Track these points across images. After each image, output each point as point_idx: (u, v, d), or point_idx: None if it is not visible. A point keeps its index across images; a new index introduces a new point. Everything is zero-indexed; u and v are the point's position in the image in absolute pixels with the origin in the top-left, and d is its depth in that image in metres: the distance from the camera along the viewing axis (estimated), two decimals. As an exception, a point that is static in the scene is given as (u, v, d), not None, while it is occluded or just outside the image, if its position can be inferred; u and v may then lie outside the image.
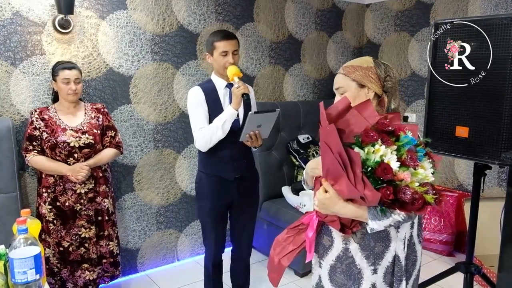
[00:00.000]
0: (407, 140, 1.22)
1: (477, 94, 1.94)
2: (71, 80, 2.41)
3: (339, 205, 1.31)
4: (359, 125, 1.26)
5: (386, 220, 1.28)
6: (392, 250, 1.42)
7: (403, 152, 1.21)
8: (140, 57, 3.00)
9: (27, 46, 2.59)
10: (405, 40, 4.00)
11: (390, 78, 1.45)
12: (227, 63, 2.27)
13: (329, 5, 4.05)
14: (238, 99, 2.18)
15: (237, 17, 3.44)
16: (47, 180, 2.45)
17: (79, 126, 2.49)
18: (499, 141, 1.87)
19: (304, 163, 3.57)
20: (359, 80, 1.45)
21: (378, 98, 1.46)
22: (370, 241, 1.40)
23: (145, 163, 3.13)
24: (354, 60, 1.52)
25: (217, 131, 2.23)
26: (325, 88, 4.17)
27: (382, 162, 1.19)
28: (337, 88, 1.51)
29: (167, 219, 3.31)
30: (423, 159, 1.24)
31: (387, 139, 1.21)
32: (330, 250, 1.49)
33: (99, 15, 2.80)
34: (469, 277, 2.20)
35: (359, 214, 1.30)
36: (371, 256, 1.41)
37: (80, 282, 2.55)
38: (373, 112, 1.30)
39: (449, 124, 2.05)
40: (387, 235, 1.41)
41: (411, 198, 1.17)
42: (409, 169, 1.20)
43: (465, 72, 1.96)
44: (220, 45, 2.26)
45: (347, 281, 1.45)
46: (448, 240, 3.55)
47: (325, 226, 1.49)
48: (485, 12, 3.39)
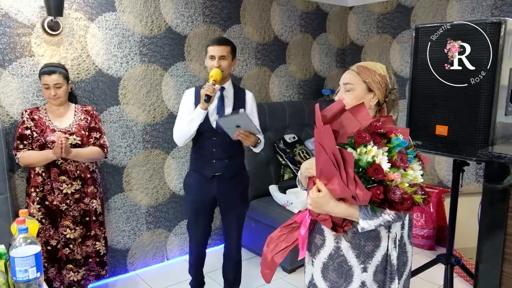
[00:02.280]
0: (398, 142, 1.27)
1: (455, 95, 2.04)
2: (51, 86, 2.41)
3: (332, 204, 1.36)
4: (353, 127, 1.31)
5: (376, 219, 1.32)
6: (382, 249, 1.47)
7: (394, 154, 1.26)
8: (129, 58, 3.04)
9: (16, 47, 2.60)
10: (387, 42, 4.13)
11: (395, 91, 1.51)
12: (212, 67, 2.37)
13: (313, 8, 4.14)
14: (202, 99, 2.27)
15: (224, 19, 3.50)
16: (36, 179, 2.47)
17: (67, 128, 2.51)
18: (476, 139, 1.97)
19: (290, 162, 3.65)
20: (370, 84, 1.48)
21: (379, 107, 1.51)
22: (361, 240, 1.46)
23: (134, 164, 3.17)
24: (370, 63, 1.54)
25: (184, 127, 2.36)
26: (310, 88, 4.26)
27: (374, 163, 1.24)
28: (346, 84, 1.52)
29: (157, 219, 3.35)
30: (413, 161, 1.30)
31: (379, 141, 1.26)
32: (322, 249, 1.54)
33: (88, 17, 2.83)
34: (450, 268, 2.32)
35: (350, 214, 1.35)
36: (361, 254, 1.47)
37: (66, 282, 2.57)
38: (366, 115, 1.35)
39: (429, 123, 2.15)
40: (378, 234, 1.46)
41: (400, 198, 1.22)
42: (399, 170, 1.25)
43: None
44: (209, 50, 2.39)
45: (338, 278, 1.50)
46: (429, 234, 3.68)
47: (318, 225, 1.55)
48: (462, 16, 3.53)
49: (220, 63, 2.35)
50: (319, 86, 4.34)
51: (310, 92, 4.27)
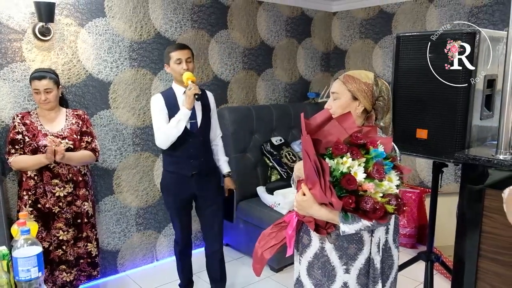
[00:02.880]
0: (376, 154, 1.34)
1: (434, 100, 2.16)
2: (41, 91, 2.46)
3: (314, 208, 1.43)
4: (339, 135, 1.38)
5: (356, 224, 1.38)
6: (365, 253, 1.54)
7: (370, 165, 1.32)
8: (119, 63, 3.09)
9: (7, 53, 2.63)
10: (369, 47, 4.26)
11: (383, 98, 1.57)
12: (181, 70, 2.50)
13: (298, 13, 4.25)
14: (191, 99, 2.44)
15: (212, 25, 3.58)
16: (28, 183, 2.51)
17: (59, 132, 2.55)
18: (453, 142, 2.09)
19: (277, 164, 3.74)
20: (354, 93, 1.56)
21: (367, 114, 1.59)
22: (344, 242, 1.54)
23: (124, 167, 3.22)
24: (357, 72, 1.62)
25: (173, 129, 2.47)
26: (295, 92, 4.36)
27: (347, 174, 1.30)
28: (333, 93, 1.62)
29: (146, 221, 3.40)
30: (391, 171, 1.36)
31: (356, 152, 1.32)
32: (308, 248, 1.63)
33: (78, 23, 2.87)
34: (430, 265, 2.44)
35: (331, 218, 1.41)
36: (344, 256, 1.54)
37: (58, 282, 2.62)
38: (352, 123, 1.41)
39: (410, 127, 2.26)
40: (360, 238, 1.53)
41: (372, 208, 1.28)
42: (374, 181, 1.31)
43: (421, 80, 2.19)
44: (174, 55, 2.51)
45: (322, 277, 1.59)
46: (411, 233, 3.81)
47: (305, 226, 1.63)
48: (441, 22, 3.68)
49: (188, 65, 2.51)
50: (304, 89, 4.45)
51: (296, 95, 4.37)
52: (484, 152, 1.90)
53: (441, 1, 3.66)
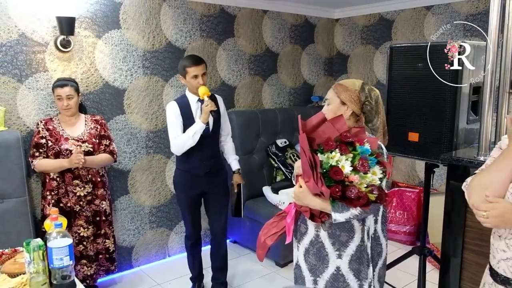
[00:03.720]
0: (361, 150, 1.55)
1: (425, 106, 2.35)
2: (63, 97, 2.68)
3: (309, 198, 1.64)
4: (332, 134, 1.60)
5: (346, 212, 1.58)
6: (356, 240, 1.73)
7: (356, 160, 1.53)
8: (133, 71, 3.31)
9: (32, 64, 2.86)
10: (370, 52, 4.44)
11: (369, 103, 1.79)
12: (198, 84, 2.69)
13: (302, 21, 4.44)
14: (207, 115, 2.64)
15: (219, 33, 3.79)
16: (51, 184, 2.73)
17: (79, 136, 2.77)
18: (442, 144, 2.28)
19: (282, 165, 3.94)
20: (342, 98, 1.80)
21: (357, 116, 1.81)
22: (336, 231, 1.73)
23: (138, 168, 3.44)
24: (346, 81, 1.87)
25: (189, 140, 2.69)
26: (299, 96, 4.56)
27: (335, 166, 1.51)
28: (326, 99, 1.88)
29: (159, 219, 3.62)
30: (375, 166, 1.57)
31: (344, 148, 1.54)
32: (305, 236, 1.83)
33: (95, 35, 3.10)
34: (423, 258, 2.62)
35: (324, 207, 1.62)
36: (336, 243, 1.74)
37: (80, 276, 2.84)
38: (343, 124, 1.62)
39: (403, 130, 2.45)
40: (352, 227, 1.73)
41: (356, 196, 1.49)
42: (359, 173, 1.52)
43: (411, 86, 2.37)
44: (190, 70, 2.69)
45: (317, 262, 1.79)
46: (411, 231, 3.99)
47: (303, 216, 1.83)
48: (437, 29, 3.84)
49: (203, 79, 2.71)
50: (308, 93, 4.64)
51: (300, 99, 4.57)
52: (468, 153, 2.09)
53: (438, 9, 3.84)
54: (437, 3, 3.83)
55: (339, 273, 1.75)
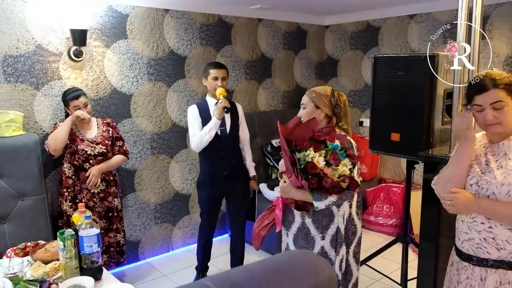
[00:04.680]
0: (331, 147, 1.86)
1: (405, 109, 2.63)
2: (81, 107, 2.93)
3: (293, 191, 1.95)
4: (307, 135, 1.90)
5: (325, 200, 1.89)
6: (335, 223, 2.07)
7: (328, 155, 1.83)
8: (139, 78, 3.57)
9: (47, 73, 3.10)
10: (358, 57, 4.74)
11: (339, 106, 2.11)
12: (216, 86, 2.97)
13: (294, 28, 4.73)
14: (220, 111, 2.92)
15: (218, 41, 4.06)
16: (67, 181, 2.98)
17: (94, 138, 3.03)
18: (420, 143, 2.56)
19: (277, 164, 4.22)
20: (316, 103, 2.11)
21: (329, 118, 2.11)
22: (319, 217, 2.06)
23: (144, 168, 3.70)
24: (318, 87, 2.20)
25: (205, 136, 2.97)
26: (292, 98, 4.84)
27: (310, 162, 1.79)
28: (302, 104, 2.19)
29: (163, 215, 3.88)
30: (345, 159, 1.87)
31: (317, 146, 1.83)
32: (293, 224, 2.15)
33: (105, 45, 3.35)
34: (405, 246, 2.91)
35: (307, 197, 1.93)
36: (319, 227, 2.07)
37: None
38: (316, 125, 1.94)
39: (386, 131, 2.73)
40: (331, 212, 2.06)
41: (330, 185, 1.80)
42: (332, 166, 1.82)
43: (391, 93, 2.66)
44: (212, 72, 3.00)
45: (305, 244, 2.10)
46: (397, 223, 4.29)
47: (289, 207, 2.13)
48: (420, 36, 4.16)
49: (222, 83, 3.00)
50: (301, 96, 4.84)
51: (293, 101, 4.85)
52: (441, 151, 2.38)
53: (420, 18, 4.14)
54: (419, 12, 4.13)
55: (323, 252, 2.08)
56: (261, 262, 0.92)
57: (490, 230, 1.62)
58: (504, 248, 1.60)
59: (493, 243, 1.62)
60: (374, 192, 4.49)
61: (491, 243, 1.62)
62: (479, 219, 1.65)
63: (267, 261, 0.94)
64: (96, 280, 1.92)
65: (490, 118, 1.62)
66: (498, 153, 1.67)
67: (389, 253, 3.23)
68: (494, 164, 1.65)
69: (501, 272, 1.61)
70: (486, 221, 1.63)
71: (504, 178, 1.59)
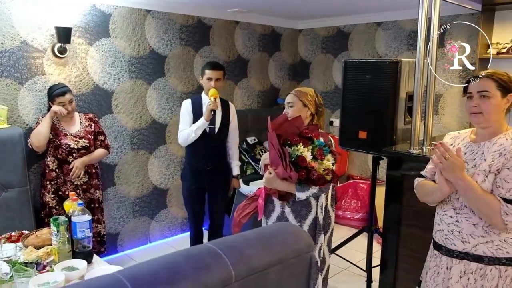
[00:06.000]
0: (318, 143, 2.07)
1: (371, 109, 2.89)
2: (66, 103, 3.03)
3: (277, 182, 2.13)
4: (293, 131, 2.10)
5: (307, 192, 2.09)
6: (313, 213, 2.25)
7: (314, 150, 2.05)
8: (120, 75, 3.69)
9: (32, 68, 3.19)
10: (329, 60, 5.00)
11: (321, 105, 2.33)
12: (209, 86, 3.12)
13: (269, 31, 4.94)
14: (208, 112, 3.04)
15: (197, 42, 4.22)
16: (51, 174, 3.07)
17: (77, 133, 3.13)
18: (384, 140, 2.83)
19: (252, 160, 4.42)
20: (304, 101, 2.29)
21: (312, 116, 2.32)
22: (297, 207, 2.23)
23: (124, 162, 3.82)
24: (302, 88, 2.39)
25: (191, 133, 3.10)
26: (267, 98, 5.06)
27: (300, 156, 2.00)
28: (288, 102, 2.33)
29: (141, 208, 4.01)
30: (328, 154, 2.09)
31: (305, 142, 2.04)
32: (273, 213, 2.32)
33: (88, 42, 3.46)
34: (370, 235, 3.17)
35: (290, 188, 2.12)
36: (298, 216, 2.24)
37: None
38: (301, 123, 2.14)
39: (354, 129, 2.98)
40: (309, 203, 2.23)
41: (317, 177, 2.01)
42: (317, 161, 2.04)
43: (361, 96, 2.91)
44: (207, 72, 3.13)
45: None
46: (363, 217, 4.57)
47: (270, 197, 2.32)
48: (386, 43, 4.46)
49: (216, 84, 3.11)
50: (274, 96, 5.15)
51: (267, 101, 5.07)
52: (403, 148, 2.64)
53: (387, 25, 4.44)
54: (386, 20, 4.43)
55: None
56: (254, 230, 1.12)
57: (457, 224, 1.72)
58: (468, 242, 1.69)
59: (459, 236, 1.71)
60: (343, 188, 4.76)
61: (457, 236, 1.72)
62: (449, 213, 1.75)
63: (260, 230, 1.14)
64: (88, 263, 2.06)
65: (473, 105, 1.67)
66: (476, 151, 1.72)
67: (356, 244, 3.50)
68: (470, 164, 1.70)
69: (465, 263, 1.70)
70: (454, 215, 1.73)
71: (472, 176, 1.65)
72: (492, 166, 1.63)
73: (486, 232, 1.67)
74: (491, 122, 1.68)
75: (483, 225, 1.67)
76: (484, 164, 1.65)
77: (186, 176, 3.32)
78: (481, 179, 1.64)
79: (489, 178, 1.63)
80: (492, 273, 1.66)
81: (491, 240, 1.66)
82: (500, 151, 1.64)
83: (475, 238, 1.68)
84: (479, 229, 1.68)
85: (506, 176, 1.61)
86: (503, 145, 1.65)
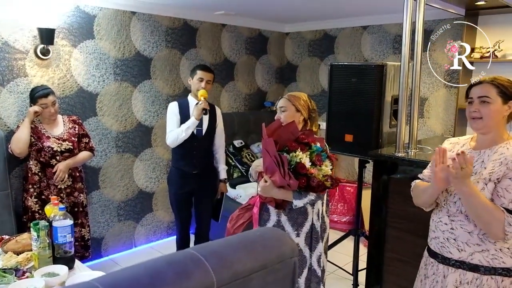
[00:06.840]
0: (316, 149, 2.02)
1: (357, 113, 2.89)
2: (49, 105, 2.97)
3: (274, 190, 2.04)
4: (287, 137, 2.04)
5: (304, 199, 2.02)
6: (309, 220, 2.19)
7: (313, 156, 1.99)
8: (105, 77, 3.64)
9: (13, 70, 3.13)
10: (316, 64, 5.02)
11: (314, 111, 2.28)
12: (199, 87, 3.09)
13: (256, 34, 4.94)
14: (199, 111, 3.01)
15: (183, 44, 4.19)
16: (33, 178, 3.01)
17: (60, 135, 3.08)
18: (370, 144, 2.83)
19: (238, 163, 4.40)
20: (297, 106, 2.23)
21: (305, 121, 2.27)
22: (294, 214, 2.17)
23: (109, 165, 3.76)
24: (297, 92, 2.32)
25: (182, 133, 3.06)
26: (254, 101, 5.05)
27: (300, 162, 1.94)
28: (281, 107, 2.26)
29: (126, 212, 3.95)
30: (326, 160, 2.05)
31: (303, 148, 1.99)
32: (268, 222, 2.24)
33: (72, 44, 3.41)
34: (357, 238, 3.18)
35: (287, 196, 2.05)
36: (295, 224, 2.18)
37: None
38: (296, 128, 2.09)
39: (340, 132, 2.98)
40: (306, 210, 2.17)
41: (317, 184, 1.95)
42: (316, 167, 1.99)
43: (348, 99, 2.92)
44: (199, 73, 3.12)
45: None
46: (350, 220, 4.59)
47: (265, 206, 2.25)
48: (372, 46, 4.49)
49: (206, 86, 3.11)
50: (261, 99, 5.14)
51: (254, 104, 5.06)
52: (389, 151, 2.65)
53: (372, 29, 4.48)
54: (371, 24, 4.46)
55: (298, 249, 2.21)
56: (237, 235, 1.10)
57: (451, 231, 1.70)
58: (464, 250, 1.67)
59: (454, 244, 1.69)
60: (330, 191, 4.75)
61: (453, 243, 1.70)
62: (444, 220, 1.73)
63: (243, 235, 1.12)
64: (69, 269, 2.01)
65: (473, 110, 1.65)
66: (477, 159, 1.69)
67: (342, 247, 3.50)
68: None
69: (461, 272, 1.68)
70: (449, 223, 1.71)
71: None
72: (492, 174, 1.62)
73: (482, 240, 1.65)
74: (491, 128, 1.66)
75: (478, 233, 1.65)
76: (484, 172, 1.64)
77: (173, 180, 3.28)
78: (481, 187, 1.62)
79: (489, 187, 1.61)
80: (488, 283, 1.64)
81: (487, 248, 1.64)
82: (501, 160, 1.63)
83: (471, 246, 1.66)
84: (474, 237, 1.66)
85: (507, 186, 1.59)
86: (503, 154, 1.63)
